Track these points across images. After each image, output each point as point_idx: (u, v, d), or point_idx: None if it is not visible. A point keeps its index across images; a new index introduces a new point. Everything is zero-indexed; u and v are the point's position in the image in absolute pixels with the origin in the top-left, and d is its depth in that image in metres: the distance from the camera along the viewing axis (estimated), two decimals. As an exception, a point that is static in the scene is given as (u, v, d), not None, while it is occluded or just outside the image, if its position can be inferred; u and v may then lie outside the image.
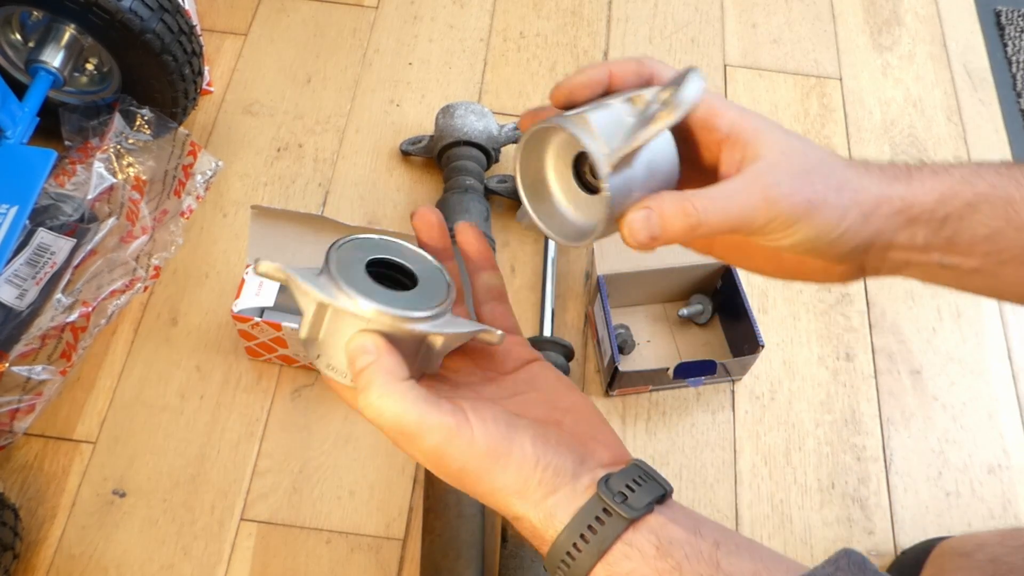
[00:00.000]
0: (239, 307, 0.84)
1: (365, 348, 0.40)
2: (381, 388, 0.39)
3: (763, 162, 0.41)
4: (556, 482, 0.40)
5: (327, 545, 0.83)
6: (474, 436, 0.39)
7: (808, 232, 0.41)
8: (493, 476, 0.39)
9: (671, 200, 0.40)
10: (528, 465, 0.40)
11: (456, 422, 0.39)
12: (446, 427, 0.38)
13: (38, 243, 0.91)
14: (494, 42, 1.20)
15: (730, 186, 0.41)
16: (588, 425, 0.44)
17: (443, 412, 0.39)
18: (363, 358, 0.39)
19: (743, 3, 1.27)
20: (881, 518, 0.88)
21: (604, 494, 0.39)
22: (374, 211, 1.04)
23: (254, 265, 0.41)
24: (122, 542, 0.82)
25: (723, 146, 0.43)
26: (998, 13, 1.30)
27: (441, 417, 0.39)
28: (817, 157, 0.42)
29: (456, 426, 0.39)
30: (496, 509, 0.41)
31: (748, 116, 0.43)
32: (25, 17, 0.94)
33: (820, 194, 0.41)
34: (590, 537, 0.39)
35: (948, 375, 0.98)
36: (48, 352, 0.88)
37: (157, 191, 0.98)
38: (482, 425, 0.39)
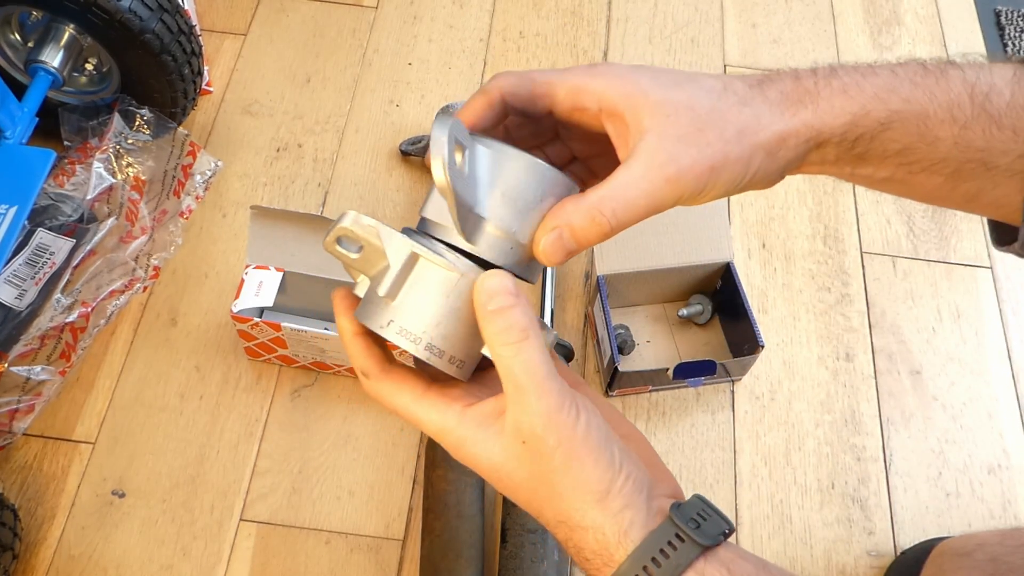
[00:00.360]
0: (238, 307, 0.84)
1: (506, 288, 0.37)
2: (524, 345, 0.37)
3: (651, 136, 0.39)
4: (633, 496, 0.38)
5: (326, 545, 0.83)
6: (579, 418, 0.38)
7: (719, 190, 0.41)
8: (583, 466, 0.38)
9: (577, 213, 0.39)
10: (615, 468, 0.38)
11: (568, 401, 0.37)
12: (560, 403, 0.37)
13: (37, 243, 0.91)
14: (494, 42, 1.20)
15: (628, 175, 0.39)
16: (648, 455, 0.43)
17: (563, 387, 0.38)
18: (501, 299, 0.37)
19: (743, 3, 1.27)
20: (881, 518, 0.88)
21: (677, 519, 0.38)
22: (374, 211, 1.04)
23: (340, 222, 0.38)
24: (121, 542, 0.82)
25: (604, 123, 0.41)
26: (998, 13, 1.30)
27: (561, 391, 0.37)
28: (706, 105, 0.40)
29: (567, 405, 0.37)
30: (561, 516, 0.39)
31: (617, 80, 0.41)
32: (25, 17, 0.94)
33: (720, 152, 0.40)
34: (662, 561, 0.38)
35: (948, 375, 0.98)
36: (47, 352, 0.88)
37: (156, 191, 0.98)
38: (586, 422, 0.38)
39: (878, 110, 0.42)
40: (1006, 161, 0.43)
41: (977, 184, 0.44)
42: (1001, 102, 0.42)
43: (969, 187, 0.44)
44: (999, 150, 0.42)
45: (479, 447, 0.39)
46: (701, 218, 0.92)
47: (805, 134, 0.41)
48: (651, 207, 0.40)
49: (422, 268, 0.39)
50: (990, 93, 0.42)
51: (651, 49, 1.21)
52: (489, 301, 0.37)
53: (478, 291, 0.38)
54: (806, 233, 1.06)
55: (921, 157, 0.43)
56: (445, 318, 0.39)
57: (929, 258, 1.06)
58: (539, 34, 1.21)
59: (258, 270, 0.86)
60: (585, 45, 1.21)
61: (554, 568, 0.78)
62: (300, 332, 0.83)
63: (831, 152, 0.43)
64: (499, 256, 0.40)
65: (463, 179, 0.38)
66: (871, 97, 0.42)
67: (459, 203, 0.37)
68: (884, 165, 0.44)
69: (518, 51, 1.19)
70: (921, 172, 0.44)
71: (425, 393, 0.41)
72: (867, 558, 0.86)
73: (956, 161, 0.43)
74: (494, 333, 0.37)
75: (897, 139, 0.42)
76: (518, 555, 0.78)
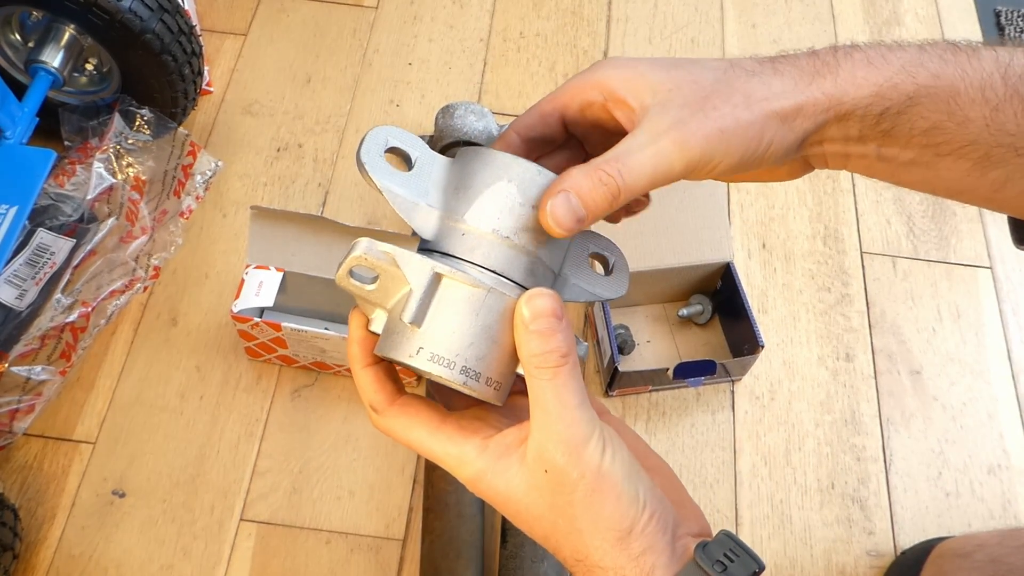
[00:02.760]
0: (239, 307, 0.84)
1: (552, 309, 0.36)
2: (561, 371, 0.35)
3: (654, 106, 0.38)
4: (656, 536, 0.37)
5: (327, 545, 0.83)
6: (604, 452, 0.36)
7: (732, 159, 0.39)
8: (605, 502, 0.36)
9: (582, 175, 0.37)
10: (638, 506, 0.36)
11: (596, 434, 0.36)
12: (588, 432, 0.36)
13: (38, 243, 0.91)
14: (494, 42, 1.20)
15: (633, 141, 0.38)
16: (675, 490, 0.41)
17: (592, 418, 0.36)
18: (545, 321, 0.35)
19: (743, 3, 1.27)
20: (881, 518, 0.88)
21: (702, 561, 0.37)
22: (374, 211, 1.04)
23: (353, 252, 0.36)
24: (122, 542, 0.82)
25: (613, 112, 0.40)
26: (998, 13, 1.30)
27: (591, 422, 0.36)
28: (710, 78, 0.39)
29: (595, 437, 0.36)
30: (579, 554, 0.37)
31: (616, 69, 0.40)
32: (25, 17, 0.94)
33: (729, 117, 0.38)
34: None
35: (948, 375, 0.98)
36: (48, 352, 0.88)
37: (157, 191, 0.98)
38: (611, 454, 0.36)
39: (905, 83, 0.40)
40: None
41: (1006, 172, 0.41)
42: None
43: (998, 175, 0.41)
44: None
45: (499, 477, 0.38)
46: (701, 218, 0.92)
47: (824, 103, 0.40)
48: (658, 172, 0.38)
49: (447, 288, 0.37)
50: (1022, 80, 0.40)
51: (651, 49, 1.21)
52: (533, 321, 0.36)
53: (522, 308, 0.36)
54: (806, 233, 1.06)
55: (950, 138, 0.40)
56: (478, 337, 0.37)
57: (929, 258, 1.06)
58: (539, 34, 1.21)
59: (258, 270, 0.86)
60: (585, 45, 1.21)
61: (554, 568, 0.79)
62: (300, 332, 0.83)
63: (855, 127, 0.40)
64: (515, 269, 0.38)
65: (414, 179, 0.38)
66: (898, 69, 0.40)
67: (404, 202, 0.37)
68: (910, 145, 0.41)
69: (518, 51, 1.19)
70: (949, 155, 0.41)
71: (441, 426, 0.39)
72: (867, 558, 0.86)
73: (986, 145, 0.40)
74: (533, 355, 0.36)
75: (926, 116, 0.40)
76: (518, 555, 0.78)
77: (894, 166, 0.42)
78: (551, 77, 1.17)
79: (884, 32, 1.26)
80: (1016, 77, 0.40)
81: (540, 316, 0.36)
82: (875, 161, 0.42)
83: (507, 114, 1.12)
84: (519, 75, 1.17)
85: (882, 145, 0.41)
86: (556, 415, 0.36)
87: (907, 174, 0.43)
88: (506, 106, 1.14)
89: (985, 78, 0.40)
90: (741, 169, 0.40)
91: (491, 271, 0.37)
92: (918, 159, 0.42)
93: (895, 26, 1.26)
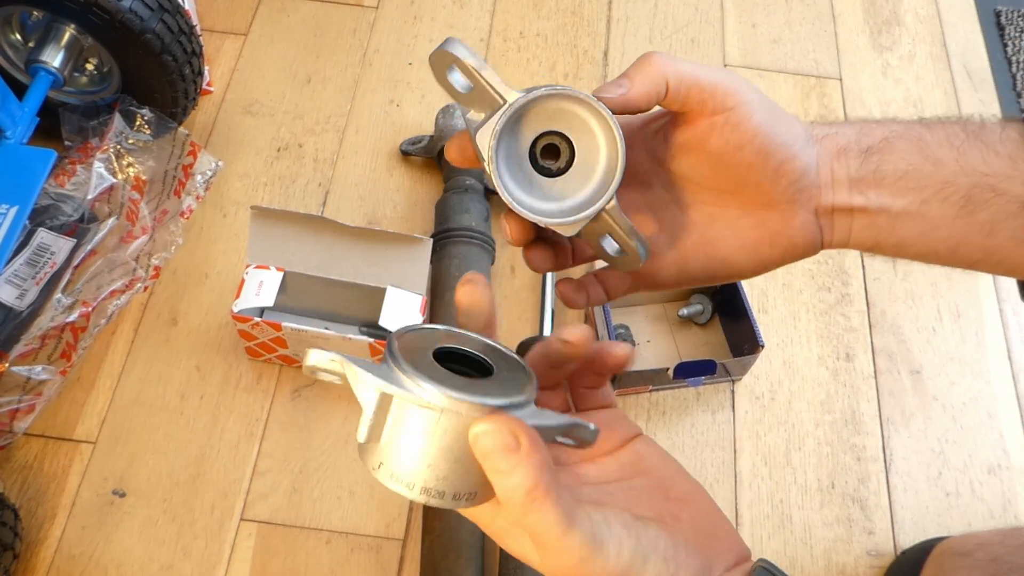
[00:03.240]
0: (239, 307, 0.84)
1: (505, 445, 0.31)
2: (536, 490, 0.31)
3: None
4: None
5: (327, 545, 0.83)
6: (608, 562, 0.33)
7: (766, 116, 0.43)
8: None
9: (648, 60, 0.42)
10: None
11: (594, 551, 0.33)
12: (584, 553, 0.33)
13: (38, 243, 0.91)
14: (494, 42, 1.20)
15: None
16: (706, 519, 0.39)
17: (586, 526, 0.33)
18: (508, 459, 0.31)
19: (743, 3, 1.27)
20: (881, 518, 0.88)
21: None
22: (374, 211, 1.04)
23: (305, 362, 0.34)
24: (122, 542, 0.82)
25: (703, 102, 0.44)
26: (998, 13, 1.30)
27: (582, 539, 0.32)
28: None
29: (594, 553, 0.33)
30: None
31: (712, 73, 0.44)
32: (25, 17, 0.94)
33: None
34: None
35: (948, 375, 0.98)
36: (48, 352, 0.88)
37: (157, 191, 0.98)
38: (616, 548, 0.33)
39: (879, 130, 0.45)
40: (1014, 187, 0.43)
41: (991, 213, 0.44)
42: (993, 136, 0.44)
43: (985, 217, 0.44)
44: (1003, 174, 0.43)
45: (519, 544, 0.36)
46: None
47: (826, 130, 0.46)
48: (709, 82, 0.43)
49: (399, 407, 0.34)
50: (981, 129, 0.45)
51: (651, 49, 1.21)
52: (486, 460, 0.32)
53: (473, 444, 0.33)
54: (806, 233, 1.06)
55: (929, 180, 0.44)
56: (436, 459, 0.34)
57: (929, 258, 1.06)
58: (539, 34, 1.21)
59: (258, 270, 0.86)
60: (585, 45, 1.21)
61: (554, 568, 0.78)
62: (300, 332, 0.83)
63: (853, 164, 0.45)
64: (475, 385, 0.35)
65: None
66: (871, 123, 0.46)
67: None
68: (897, 191, 0.44)
69: (518, 51, 1.19)
70: (934, 199, 0.44)
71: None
72: (867, 558, 0.86)
73: (964, 186, 0.44)
74: (499, 490, 0.33)
75: (903, 157, 0.44)
76: (518, 555, 0.78)
77: (891, 218, 0.45)
78: (551, 77, 1.17)
79: (884, 32, 1.26)
80: (976, 127, 0.45)
81: (491, 454, 0.32)
82: (875, 216, 0.45)
83: (507, 114, 1.12)
84: (519, 75, 1.17)
85: (875, 190, 0.45)
86: (547, 545, 0.33)
87: (904, 227, 0.46)
88: (506, 106, 1.13)
89: (947, 128, 0.45)
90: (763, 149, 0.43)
91: (450, 389, 0.33)
92: (908, 208, 0.45)
93: (895, 26, 1.26)
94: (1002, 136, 0.44)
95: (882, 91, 1.20)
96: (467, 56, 0.40)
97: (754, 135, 0.42)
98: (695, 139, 0.44)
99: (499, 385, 0.36)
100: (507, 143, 0.42)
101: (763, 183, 0.44)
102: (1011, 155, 0.43)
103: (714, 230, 0.47)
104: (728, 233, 0.47)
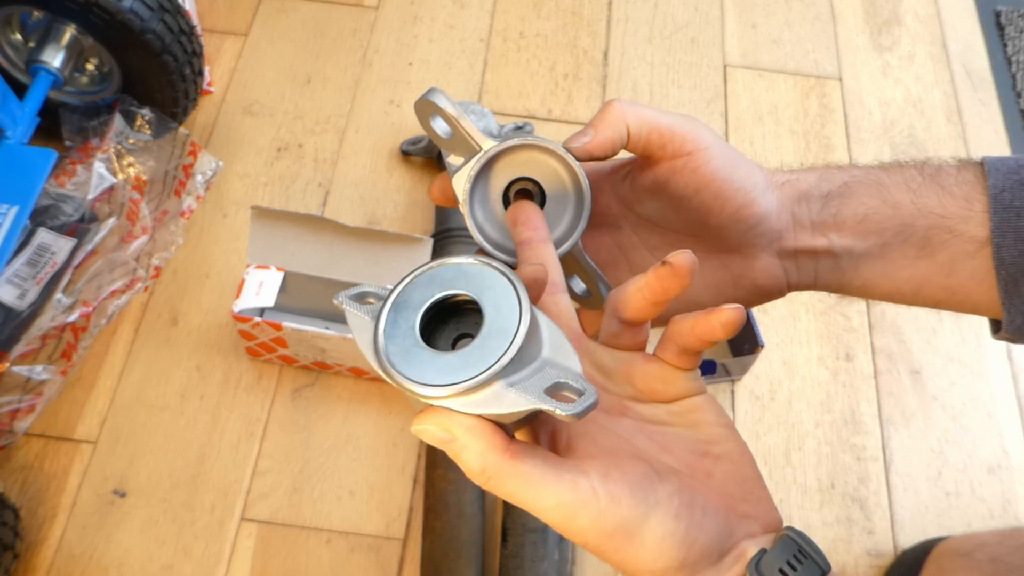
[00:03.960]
0: (239, 307, 0.84)
1: (436, 436, 0.34)
2: (482, 473, 0.33)
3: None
4: (699, 563, 0.35)
5: (327, 545, 0.83)
6: (601, 513, 0.33)
7: (723, 163, 0.44)
8: (623, 555, 0.34)
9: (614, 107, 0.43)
10: (668, 544, 0.34)
11: (578, 499, 0.33)
12: (566, 504, 0.33)
13: (38, 243, 0.91)
14: (494, 42, 1.20)
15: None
16: (739, 482, 0.39)
17: (561, 484, 0.33)
18: (449, 447, 0.34)
19: (743, 3, 1.27)
20: (881, 518, 0.88)
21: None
22: (374, 211, 1.04)
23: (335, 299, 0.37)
24: (122, 542, 0.82)
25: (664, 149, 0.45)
26: (998, 13, 1.30)
27: (559, 491, 0.33)
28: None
29: (579, 503, 0.33)
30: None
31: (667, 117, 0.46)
32: (25, 17, 0.94)
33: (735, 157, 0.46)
34: None
35: (948, 375, 0.98)
36: (48, 352, 0.89)
37: (157, 191, 0.98)
38: (612, 501, 0.33)
39: (839, 175, 0.47)
40: (970, 228, 0.44)
41: (950, 254, 0.45)
42: (949, 178, 0.46)
43: (944, 257, 0.45)
44: (958, 216, 0.45)
45: None
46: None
47: (786, 177, 0.47)
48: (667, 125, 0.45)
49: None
50: (938, 172, 0.46)
51: (651, 49, 1.21)
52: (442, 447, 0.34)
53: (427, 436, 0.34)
54: (806, 233, 1.06)
55: (888, 222, 0.45)
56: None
57: (929, 258, 1.06)
58: (539, 34, 1.21)
59: (259, 270, 0.86)
60: (585, 45, 1.21)
61: (554, 568, 0.79)
62: (301, 332, 0.83)
63: (814, 208, 0.46)
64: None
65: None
66: (831, 169, 0.48)
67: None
68: (858, 233, 0.46)
69: (518, 51, 1.19)
70: (894, 241, 0.46)
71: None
72: (867, 558, 0.86)
73: (922, 227, 0.45)
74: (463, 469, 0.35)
75: (863, 201, 0.46)
76: (518, 555, 0.78)
77: (854, 260, 0.47)
78: (551, 77, 1.17)
79: (884, 32, 1.26)
80: (932, 170, 0.46)
81: (436, 446, 0.34)
82: (839, 258, 0.47)
83: (507, 114, 1.13)
84: (519, 75, 1.17)
85: (837, 233, 0.46)
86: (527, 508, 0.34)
87: (868, 269, 0.47)
88: (506, 106, 1.14)
89: (904, 172, 0.47)
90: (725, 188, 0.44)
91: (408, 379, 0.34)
92: (871, 250, 0.46)
93: (895, 26, 1.27)
94: (958, 179, 0.45)
95: (882, 91, 1.20)
96: (447, 106, 0.43)
97: (711, 179, 0.44)
98: (656, 183, 0.45)
99: (469, 356, 0.34)
100: (482, 187, 0.46)
101: (723, 226, 0.45)
102: (966, 196, 0.45)
103: None
104: (694, 276, 0.46)
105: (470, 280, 0.36)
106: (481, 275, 0.36)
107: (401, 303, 0.36)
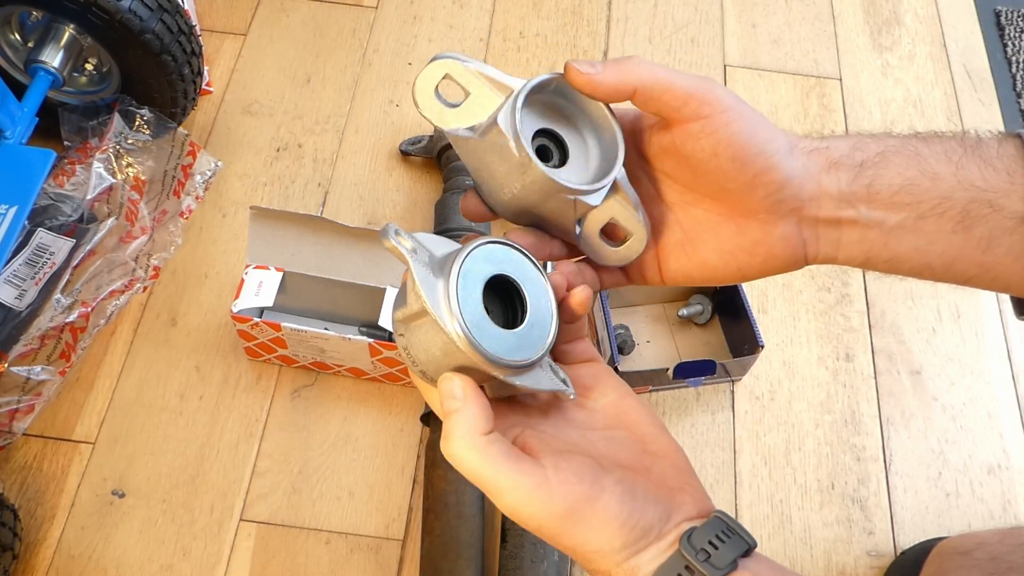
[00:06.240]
0: (238, 307, 0.84)
1: (453, 393, 0.39)
2: (461, 440, 0.38)
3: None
4: (642, 542, 0.39)
5: (326, 545, 0.83)
6: (552, 496, 0.38)
7: (743, 126, 0.42)
8: (573, 536, 0.38)
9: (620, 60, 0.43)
10: (613, 526, 0.38)
11: (533, 482, 0.38)
12: (523, 487, 0.38)
13: (37, 243, 0.91)
14: (494, 42, 1.20)
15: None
16: (676, 474, 0.43)
17: (520, 471, 0.38)
18: (450, 403, 0.39)
19: (743, 3, 1.27)
20: (881, 518, 0.88)
21: (687, 551, 0.38)
22: (374, 211, 1.04)
23: (385, 235, 0.40)
24: (121, 542, 0.82)
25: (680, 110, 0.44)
26: (998, 13, 1.30)
27: (517, 476, 0.38)
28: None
29: (534, 486, 0.38)
30: (580, 564, 0.40)
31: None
32: (25, 17, 0.94)
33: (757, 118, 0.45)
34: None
35: (948, 375, 0.98)
36: (47, 352, 0.88)
37: (156, 191, 0.98)
38: (562, 485, 0.38)
39: (875, 144, 0.45)
40: (1011, 202, 0.43)
41: (988, 229, 0.44)
42: (990, 150, 0.44)
43: (981, 232, 0.44)
44: (1000, 189, 0.43)
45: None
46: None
47: (816, 144, 0.45)
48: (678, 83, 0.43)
49: (430, 323, 0.40)
50: (979, 144, 0.45)
51: (651, 49, 1.21)
52: (442, 402, 0.40)
53: (439, 389, 0.40)
54: (806, 233, 1.06)
55: (925, 194, 0.44)
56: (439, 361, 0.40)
57: (929, 258, 1.06)
58: (539, 34, 1.21)
59: (258, 270, 0.86)
60: (585, 45, 1.21)
61: (554, 568, 0.78)
62: (300, 332, 0.83)
63: (844, 177, 0.45)
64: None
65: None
66: (865, 137, 0.46)
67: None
68: (892, 206, 0.44)
69: (518, 51, 1.19)
70: (931, 214, 0.44)
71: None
72: (867, 558, 0.86)
73: (961, 200, 0.44)
74: (445, 435, 0.39)
75: (899, 171, 0.44)
76: (518, 555, 0.78)
77: (884, 233, 0.45)
78: (551, 77, 1.17)
79: (884, 32, 1.26)
80: (972, 142, 0.45)
81: (443, 395, 0.40)
82: (867, 230, 0.45)
83: (507, 114, 1.12)
84: (519, 75, 1.16)
85: (869, 205, 0.45)
86: (489, 492, 0.39)
87: (899, 242, 0.45)
88: (506, 106, 1.14)
89: (944, 143, 0.45)
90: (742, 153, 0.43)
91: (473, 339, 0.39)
92: (904, 223, 0.45)
93: (895, 26, 1.26)
94: (999, 151, 0.44)
95: (882, 91, 1.20)
96: (466, 60, 0.44)
97: (729, 144, 0.43)
98: (672, 144, 0.44)
99: (521, 338, 0.41)
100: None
101: (741, 191, 0.44)
102: (1008, 170, 0.43)
103: (696, 231, 0.47)
104: (709, 236, 0.47)
105: (516, 266, 0.42)
106: (523, 265, 0.43)
107: (466, 272, 0.40)
